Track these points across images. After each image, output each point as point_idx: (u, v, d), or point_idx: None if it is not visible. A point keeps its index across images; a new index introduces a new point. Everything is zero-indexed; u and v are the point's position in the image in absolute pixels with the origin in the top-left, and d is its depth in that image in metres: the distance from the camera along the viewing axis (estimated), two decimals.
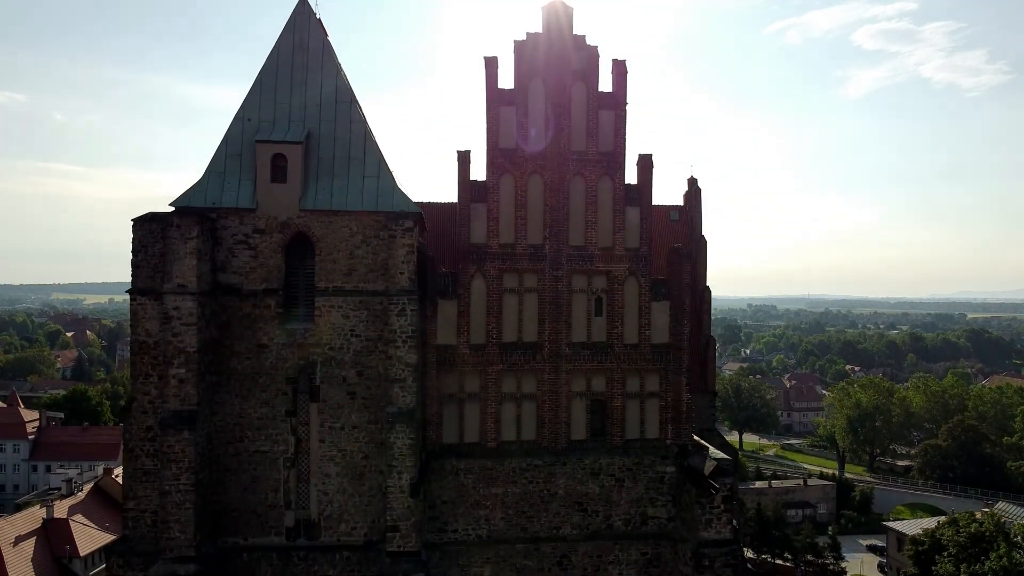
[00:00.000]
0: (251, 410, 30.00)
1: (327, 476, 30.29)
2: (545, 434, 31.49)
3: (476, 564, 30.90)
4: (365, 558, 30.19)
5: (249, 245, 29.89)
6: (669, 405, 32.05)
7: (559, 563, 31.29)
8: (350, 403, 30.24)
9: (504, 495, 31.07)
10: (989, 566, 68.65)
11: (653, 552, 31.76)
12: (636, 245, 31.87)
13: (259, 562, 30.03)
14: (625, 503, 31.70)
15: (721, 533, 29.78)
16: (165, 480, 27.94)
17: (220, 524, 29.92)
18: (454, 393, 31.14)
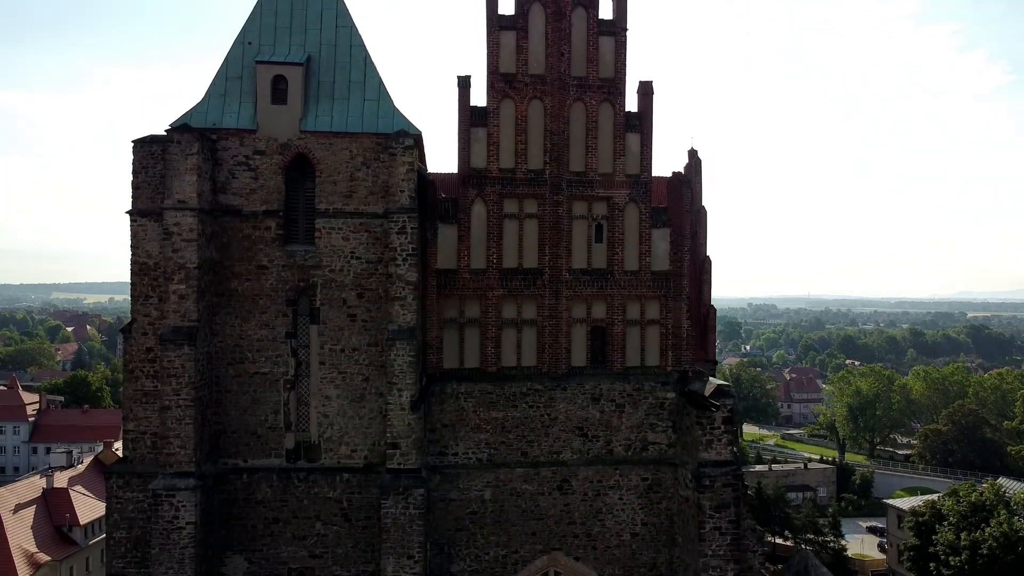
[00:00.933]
0: (251, 332, 29.99)
1: (327, 398, 30.28)
2: (545, 360, 31.46)
3: (476, 487, 30.86)
4: (365, 480, 30.17)
5: (249, 166, 29.91)
6: (669, 332, 32.05)
7: (559, 487, 31.27)
8: (350, 325, 30.24)
9: (504, 419, 31.04)
10: (989, 532, 68.66)
11: (653, 478, 31.74)
12: (636, 172, 31.87)
13: (259, 483, 30.02)
14: (625, 428, 31.67)
15: (721, 454, 29.74)
16: (165, 396, 27.93)
17: (220, 446, 29.92)
18: (454, 318, 31.12)
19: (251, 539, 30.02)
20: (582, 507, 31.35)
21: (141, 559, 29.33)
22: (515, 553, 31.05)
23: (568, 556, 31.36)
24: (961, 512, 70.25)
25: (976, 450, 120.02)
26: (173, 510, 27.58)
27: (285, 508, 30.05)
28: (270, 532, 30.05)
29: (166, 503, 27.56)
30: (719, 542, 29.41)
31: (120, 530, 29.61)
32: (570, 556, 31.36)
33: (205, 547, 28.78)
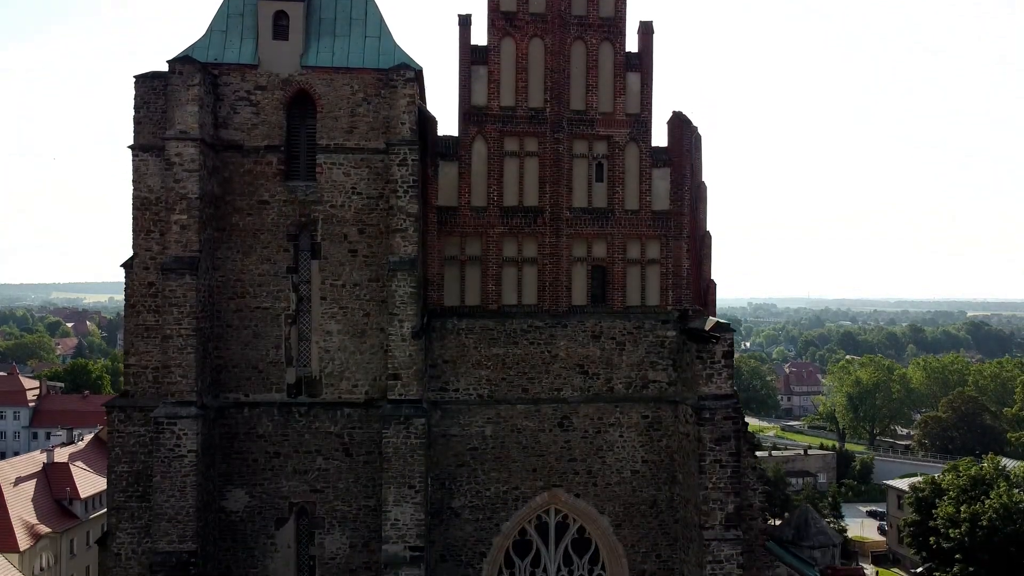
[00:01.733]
0: (252, 266, 30.08)
1: (328, 334, 30.35)
2: (546, 298, 31.54)
3: (477, 424, 30.92)
4: (366, 415, 30.24)
5: (251, 102, 30.00)
6: (669, 272, 32.12)
7: (560, 424, 31.32)
8: (351, 261, 30.32)
9: (505, 356, 31.10)
10: (989, 504, 68.68)
11: (654, 415, 31.79)
12: (637, 111, 31.96)
13: (260, 418, 30.09)
14: (626, 366, 31.72)
15: (722, 388, 29.80)
16: (166, 325, 27.99)
17: (221, 380, 29.99)
18: (455, 256, 31.19)
19: (252, 473, 30.08)
20: (582, 444, 31.40)
21: (143, 493, 29.38)
22: (516, 489, 31.09)
23: (569, 493, 31.40)
24: (961, 486, 70.31)
25: (976, 437, 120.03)
26: (175, 438, 27.63)
27: (286, 442, 30.12)
28: (271, 466, 30.11)
29: (167, 431, 27.61)
30: (719, 475, 29.46)
31: (121, 464, 29.66)
32: (571, 493, 31.40)
33: (207, 478, 28.84)
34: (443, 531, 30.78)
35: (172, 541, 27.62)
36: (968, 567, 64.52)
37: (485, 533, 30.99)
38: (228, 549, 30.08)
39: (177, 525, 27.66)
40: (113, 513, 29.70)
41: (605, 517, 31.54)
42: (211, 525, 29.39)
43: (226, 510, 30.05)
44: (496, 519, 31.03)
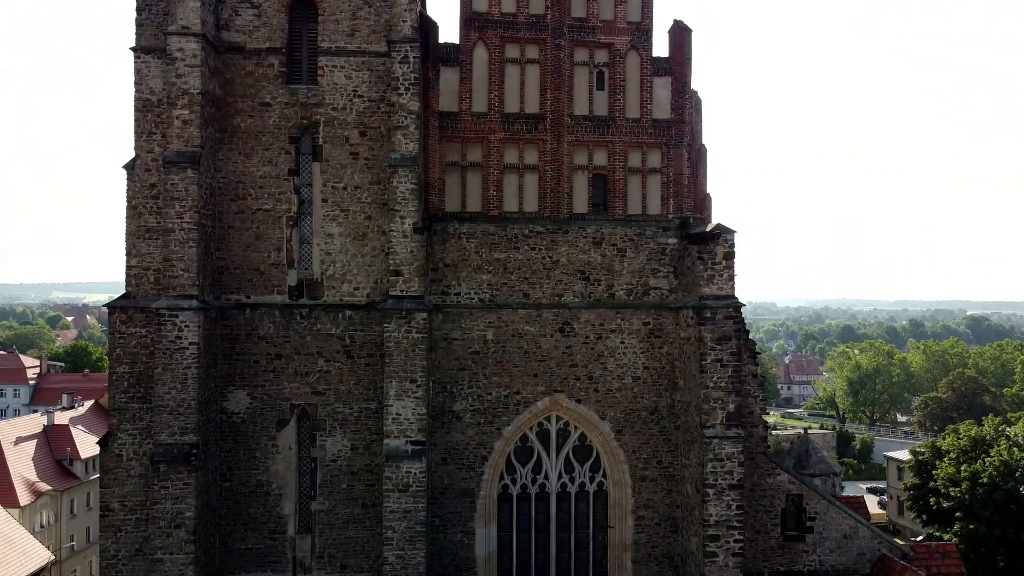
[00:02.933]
0: (254, 168, 30.12)
1: (330, 236, 30.38)
2: (547, 206, 31.55)
3: (478, 328, 30.93)
4: (367, 318, 30.25)
5: (252, 4, 30.05)
6: (671, 180, 32.12)
7: (561, 330, 31.32)
8: (352, 163, 30.37)
9: (506, 261, 31.12)
10: (990, 462, 68.65)
11: (655, 322, 31.79)
12: (638, 19, 31.97)
13: (261, 319, 30.10)
14: (627, 273, 31.73)
15: (723, 289, 29.80)
16: (168, 219, 28.02)
17: (222, 282, 30.02)
18: (456, 162, 31.22)
19: (253, 374, 30.09)
20: (584, 350, 31.41)
21: (144, 394, 29.37)
22: (517, 394, 31.08)
23: (570, 398, 31.39)
24: (962, 447, 70.33)
25: (976, 417, 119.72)
26: (176, 330, 27.65)
27: (287, 344, 30.13)
28: (272, 368, 30.12)
29: (169, 323, 27.63)
30: (720, 374, 29.46)
31: (122, 365, 29.64)
32: (572, 398, 31.40)
33: (208, 377, 28.85)
34: (444, 434, 30.78)
35: (173, 433, 27.63)
36: (968, 525, 64.49)
37: (486, 437, 30.98)
38: (229, 451, 30.08)
39: (179, 417, 27.67)
40: (114, 414, 29.68)
41: (606, 423, 31.53)
42: (212, 425, 29.38)
43: (227, 411, 30.05)
44: (497, 423, 31.02)
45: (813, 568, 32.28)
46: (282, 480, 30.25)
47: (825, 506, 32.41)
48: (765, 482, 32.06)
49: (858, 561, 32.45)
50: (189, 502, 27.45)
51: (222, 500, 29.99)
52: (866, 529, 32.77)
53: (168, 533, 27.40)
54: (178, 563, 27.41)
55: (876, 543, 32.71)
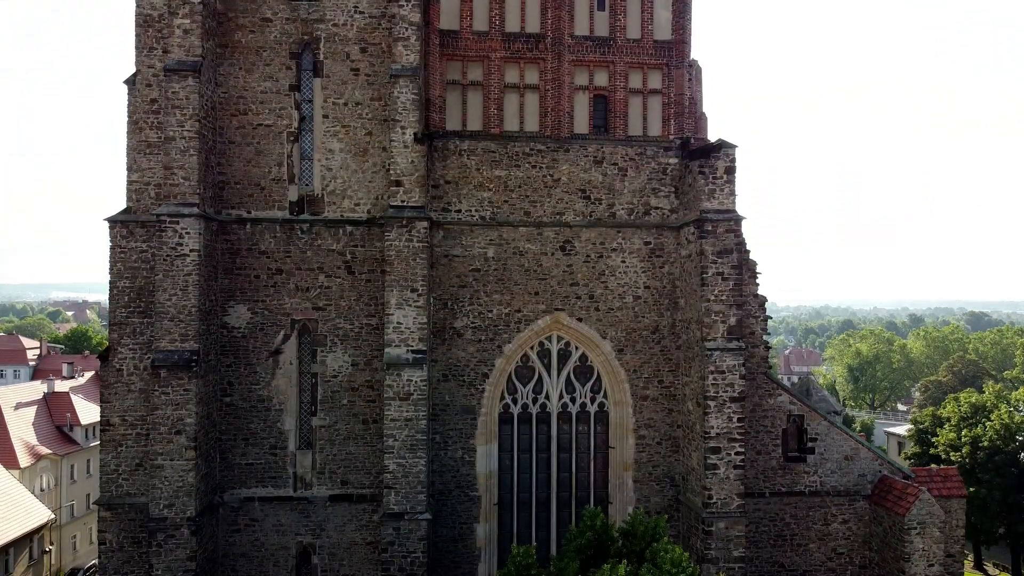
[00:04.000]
0: (255, 84, 30.12)
1: (330, 152, 30.38)
2: (548, 125, 31.54)
3: (479, 245, 30.90)
4: (368, 233, 30.24)
5: None
6: (671, 101, 32.12)
7: (562, 248, 31.30)
8: (353, 79, 30.36)
9: (507, 178, 31.10)
10: (990, 426, 68.58)
11: (656, 242, 31.77)
12: None
13: (262, 234, 30.08)
14: (628, 192, 31.71)
15: (724, 204, 29.78)
16: (169, 127, 28.00)
17: (224, 197, 30.00)
18: (457, 80, 31.21)
19: (254, 289, 30.06)
20: (584, 269, 31.38)
21: (144, 309, 29.34)
22: (518, 312, 31.05)
23: (571, 317, 31.35)
24: (962, 414, 70.32)
25: None
26: (177, 237, 27.64)
27: (288, 259, 30.11)
28: (273, 283, 30.09)
29: (170, 229, 27.63)
30: (721, 287, 29.44)
31: (123, 280, 29.61)
32: (573, 317, 31.37)
33: (209, 290, 28.82)
34: (446, 351, 30.74)
35: (174, 340, 27.60)
36: (969, 488, 64.45)
37: (487, 354, 30.95)
38: (230, 365, 30.04)
39: (179, 324, 27.64)
40: (114, 329, 29.63)
41: (607, 342, 31.49)
42: (213, 337, 29.35)
43: (228, 326, 30.02)
44: (498, 340, 30.99)
45: (814, 489, 32.22)
46: (283, 395, 30.21)
47: (826, 427, 32.35)
48: (766, 403, 32.01)
49: (859, 482, 32.40)
50: (190, 408, 27.40)
51: (223, 415, 29.95)
52: (867, 451, 32.72)
53: (169, 439, 27.36)
54: (179, 469, 27.37)
55: (877, 465, 32.65)
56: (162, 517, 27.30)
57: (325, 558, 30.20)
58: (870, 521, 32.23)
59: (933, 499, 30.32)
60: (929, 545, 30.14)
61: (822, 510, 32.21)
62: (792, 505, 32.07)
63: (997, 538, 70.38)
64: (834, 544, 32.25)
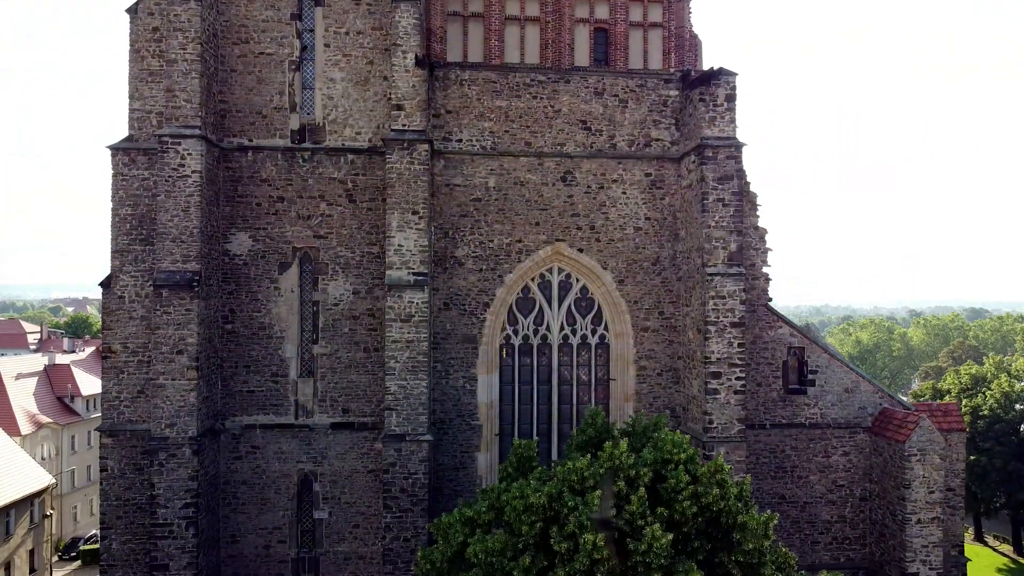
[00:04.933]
0: (256, 12, 30.19)
1: (332, 81, 30.45)
2: (548, 57, 31.60)
3: (480, 174, 30.96)
4: (369, 162, 30.32)
5: None
6: (672, 35, 32.19)
7: (563, 179, 31.36)
8: (355, 9, 30.45)
9: (508, 108, 31.16)
10: (990, 394, 68.59)
11: (656, 173, 31.83)
12: None
13: (264, 162, 30.15)
14: (628, 124, 31.78)
15: (724, 131, 29.84)
16: (171, 50, 28.08)
17: (225, 125, 30.07)
18: (458, 11, 31.27)
19: (256, 217, 30.13)
20: (585, 200, 31.44)
21: (146, 236, 29.41)
22: (519, 242, 31.11)
23: (572, 247, 31.41)
24: (963, 385, 70.40)
25: None
26: (179, 157, 27.71)
27: (290, 188, 30.17)
28: (275, 211, 30.16)
29: (172, 150, 27.70)
30: (722, 213, 29.50)
31: (125, 207, 29.67)
32: (574, 247, 31.42)
33: (210, 215, 28.89)
34: (447, 280, 30.80)
35: (176, 261, 27.67)
36: (969, 456, 64.54)
37: (488, 284, 31.01)
38: (231, 292, 30.10)
39: (181, 245, 27.71)
40: (116, 256, 29.66)
41: (608, 273, 31.54)
42: (215, 263, 29.42)
43: (230, 253, 30.09)
44: (499, 270, 31.05)
45: (815, 421, 32.26)
46: (284, 323, 30.26)
47: (827, 360, 32.40)
48: (767, 335, 32.06)
49: (859, 415, 32.44)
50: (191, 328, 27.46)
51: (224, 342, 30.01)
52: (868, 384, 32.77)
53: (170, 359, 27.41)
54: (180, 389, 27.42)
55: (878, 397, 32.69)
56: (164, 436, 27.35)
57: (327, 486, 30.23)
58: (871, 453, 32.27)
59: (933, 426, 30.36)
60: (930, 472, 30.18)
61: (823, 442, 32.25)
62: (792, 437, 32.11)
63: (998, 508, 70.40)
64: (835, 476, 32.29)
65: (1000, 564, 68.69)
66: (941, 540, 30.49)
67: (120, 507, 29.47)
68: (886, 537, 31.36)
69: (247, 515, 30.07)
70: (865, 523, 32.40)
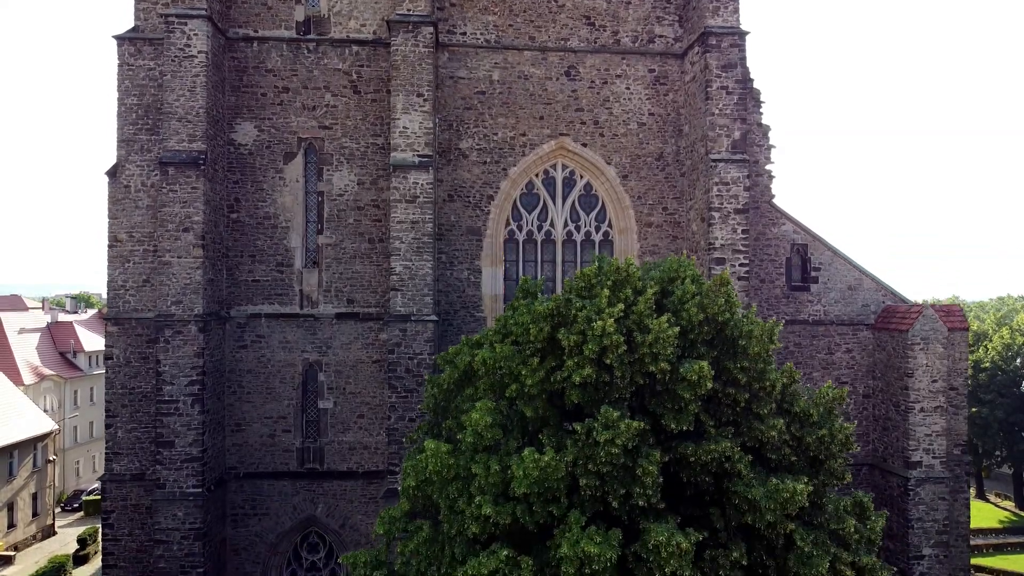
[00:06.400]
0: None
1: None
2: None
3: (484, 67, 31.09)
4: (374, 53, 30.45)
5: None
6: None
7: (567, 73, 31.48)
8: None
9: (512, 2, 31.24)
10: (991, 347, 68.56)
11: (660, 70, 31.95)
12: None
13: (269, 52, 30.29)
14: (632, 20, 31.90)
15: (728, 20, 29.94)
16: None
17: (230, 15, 30.19)
18: None
19: (261, 107, 30.25)
20: (589, 95, 31.56)
21: (152, 126, 29.52)
22: (523, 136, 31.23)
23: (576, 142, 31.52)
24: None
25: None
26: (185, 38, 27.86)
27: (295, 78, 30.30)
28: (280, 101, 30.29)
29: (178, 31, 27.85)
30: (726, 101, 29.61)
31: (131, 97, 29.76)
32: (578, 142, 31.53)
33: (216, 104, 29.00)
34: (451, 171, 30.92)
35: (182, 140, 27.80)
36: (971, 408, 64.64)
37: (492, 177, 31.12)
38: (237, 182, 30.23)
39: (187, 125, 27.84)
40: (122, 145, 29.77)
41: (611, 168, 31.66)
42: (220, 151, 29.54)
43: (235, 143, 30.21)
44: (504, 163, 31.17)
45: (818, 318, 32.32)
46: (289, 213, 30.37)
47: (830, 257, 32.48)
48: (770, 231, 32.15)
49: (863, 312, 32.52)
50: (197, 207, 27.57)
51: (229, 231, 30.12)
52: (871, 281, 32.82)
53: (176, 236, 27.52)
54: (186, 267, 27.52)
55: (881, 295, 32.76)
56: (170, 314, 27.44)
57: (331, 376, 30.31)
58: (874, 349, 32.35)
59: (936, 315, 30.43)
60: (932, 361, 30.26)
61: (826, 339, 32.31)
62: (796, 334, 32.15)
63: (1000, 461, 70.37)
64: (838, 373, 32.33)
65: (1002, 517, 68.69)
66: (944, 430, 30.53)
67: (125, 395, 29.53)
68: (889, 430, 31.41)
69: (252, 404, 30.13)
70: (868, 420, 32.45)
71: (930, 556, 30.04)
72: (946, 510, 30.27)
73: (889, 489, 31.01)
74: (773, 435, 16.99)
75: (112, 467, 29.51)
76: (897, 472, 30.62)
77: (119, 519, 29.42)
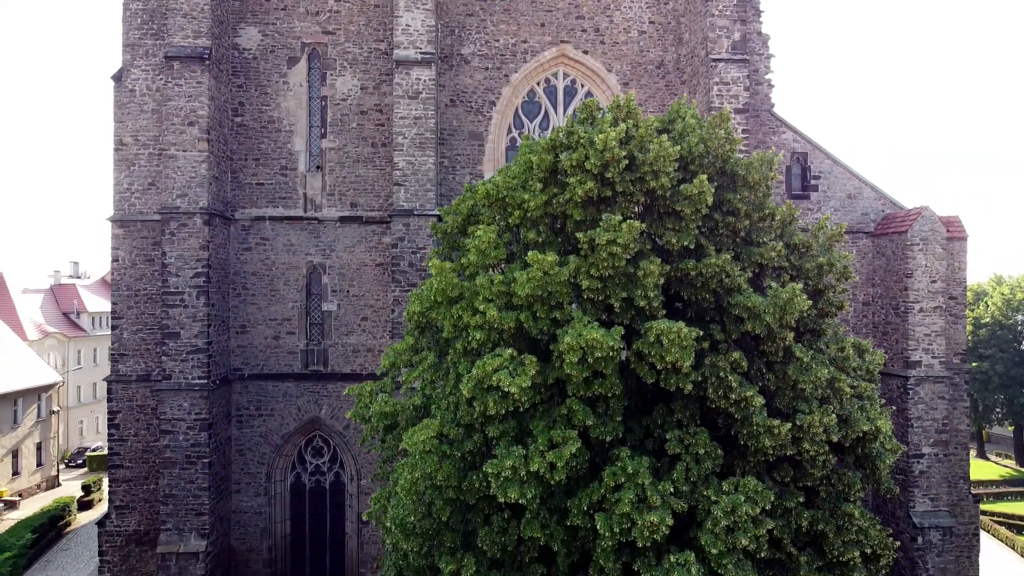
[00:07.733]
0: None
1: None
2: None
3: None
4: None
5: None
6: None
7: None
8: None
9: None
10: (992, 302, 68.76)
11: None
12: None
13: None
14: None
15: None
16: None
17: None
18: None
19: (265, 12, 30.53)
20: (590, 2, 31.81)
21: (157, 30, 29.80)
22: (524, 43, 31.49)
23: (577, 49, 31.77)
24: None
25: None
26: None
27: None
28: (283, 6, 30.58)
29: None
30: (725, 3, 29.85)
31: (136, 1, 30.01)
32: (579, 49, 31.77)
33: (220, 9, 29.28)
34: (453, 76, 31.17)
35: (187, 36, 28.07)
36: (972, 363, 64.80)
37: (494, 83, 31.37)
38: (241, 86, 30.50)
39: (192, 21, 28.12)
40: (128, 50, 30.04)
41: (612, 75, 31.90)
42: (224, 53, 29.80)
43: (239, 47, 30.49)
44: (505, 70, 31.41)
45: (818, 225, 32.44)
46: (293, 117, 30.63)
47: (830, 165, 32.69)
48: (770, 140, 32.35)
49: (862, 220, 32.73)
50: (202, 100, 27.84)
51: (234, 134, 30.38)
52: (871, 190, 33.03)
53: (182, 130, 27.78)
54: (191, 160, 27.78)
55: (880, 204, 32.97)
56: (175, 206, 27.71)
57: (335, 278, 30.55)
58: (873, 257, 32.56)
59: (935, 217, 30.66)
60: (932, 262, 30.47)
61: None
62: None
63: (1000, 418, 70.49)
64: None
65: (1003, 473, 68.82)
66: (943, 331, 30.74)
67: (131, 297, 29.78)
68: (888, 334, 31.62)
69: (257, 306, 30.38)
70: (867, 327, 32.64)
71: (929, 455, 30.22)
72: (945, 410, 30.44)
73: (889, 392, 31.19)
74: (772, 255, 17.23)
75: (118, 368, 29.75)
76: (897, 373, 30.81)
77: (125, 419, 29.66)
